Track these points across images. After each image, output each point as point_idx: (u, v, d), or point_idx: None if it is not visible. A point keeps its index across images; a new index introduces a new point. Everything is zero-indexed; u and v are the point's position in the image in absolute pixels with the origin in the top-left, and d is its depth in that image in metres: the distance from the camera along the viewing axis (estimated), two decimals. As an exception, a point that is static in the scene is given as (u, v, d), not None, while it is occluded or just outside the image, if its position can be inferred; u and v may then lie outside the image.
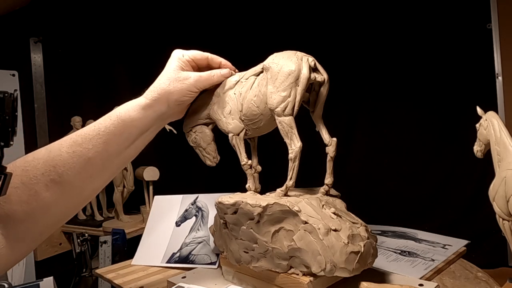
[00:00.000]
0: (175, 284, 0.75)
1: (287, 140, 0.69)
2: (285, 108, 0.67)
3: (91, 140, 0.59)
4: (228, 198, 0.72)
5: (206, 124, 0.82)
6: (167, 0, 1.78)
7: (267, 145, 0.87)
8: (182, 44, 0.75)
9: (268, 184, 0.79)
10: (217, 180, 1.42)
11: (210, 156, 0.83)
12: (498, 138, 0.63)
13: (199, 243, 0.94)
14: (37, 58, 1.81)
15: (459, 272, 0.80)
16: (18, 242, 0.55)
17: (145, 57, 1.86)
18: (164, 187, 1.52)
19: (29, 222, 0.55)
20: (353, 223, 0.66)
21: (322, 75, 0.70)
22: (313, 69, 0.69)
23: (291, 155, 0.69)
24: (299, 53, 0.70)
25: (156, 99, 0.64)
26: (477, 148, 0.68)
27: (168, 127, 0.80)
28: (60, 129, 1.78)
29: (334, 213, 0.66)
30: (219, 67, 0.75)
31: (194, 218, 1.01)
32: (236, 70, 0.78)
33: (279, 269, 0.67)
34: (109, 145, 0.60)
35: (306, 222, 0.63)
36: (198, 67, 0.73)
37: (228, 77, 0.72)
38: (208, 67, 0.74)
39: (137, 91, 0.69)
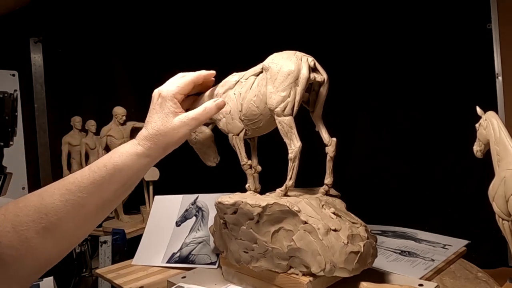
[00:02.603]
0: (175, 284, 0.75)
1: (286, 140, 0.69)
2: (285, 108, 0.67)
3: (85, 189, 0.58)
4: (228, 198, 0.72)
5: (206, 124, 0.82)
6: (168, 0, 1.78)
7: (267, 145, 0.87)
8: (182, 44, 0.76)
9: (268, 184, 0.79)
10: (217, 180, 1.41)
11: (210, 156, 0.83)
12: (498, 138, 0.63)
13: (199, 243, 0.94)
14: (37, 58, 1.81)
15: (459, 272, 0.80)
16: (6, 285, 0.55)
17: (145, 57, 1.87)
18: (164, 187, 1.52)
19: (18, 265, 0.55)
20: (353, 223, 0.66)
21: (321, 75, 0.70)
22: (313, 69, 0.69)
23: (290, 155, 0.69)
24: (298, 53, 0.70)
25: (152, 149, 0.63)
26: (477, 148, 0.68)
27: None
28: (60, 129, 1.78)
29: (333, 213, 0.66)
30: (204, 84, 0.73)
31: (194, 218, 1.01)
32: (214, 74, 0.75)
33: (279, 269, 0.67)
34: (104, 193, 0.60)
35: (305, 222, 0.63)
36: (189, 92, 0.71)
37: (223, 107, 0.68)
38: (196, 87, 0.73)
39: (137, 91, 0.69)
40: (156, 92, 0.66)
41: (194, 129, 0.65)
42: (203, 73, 0.71)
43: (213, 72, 0.72)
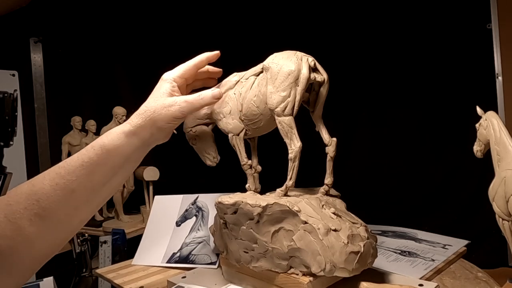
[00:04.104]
0: (175, 284, 0.75)
1: (287, 140, 0.69)
2: (285, 108, 0.67)
3: (74, 172, 0.57)
4: (228, 198, 0.72)
5: (206, 124, 0.82)
6: (168, 0, 1.78)
7: (267, 145, 0.87)
8: (182, 44, 0.75)
9: (268, 184, 0.79)
10: (217, 180, 1.41)
11: (210, 156, 0.83)
12: (498, 138, 0.63)
13: (199, 243, 0.94)
14: (37, 58, 1.81)
15: (459, 272, 0.80)
16: (4, 278, 0.54)
17: (145, 57, 1.87)
18: (164, 187, 1.52)
19: (14, 257, 0.54)
20: (353, 223, 0.66)
21: (322, 75, 0.70)
22: (313, 69, 0.69)
23: (291, 155, 0.69)
24: (298, 53, 0.70)
25: (140, 126, 0.62)
26: (477, 148, 0.68)
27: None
28: (60, 129, 1.78)
29: (334, 213, 0.66)
30: (209, 76, 0.72)
31: (194, 218, 1.01)
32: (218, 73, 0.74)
33: (279, 269, 0.67)
34: (93, 176, 0.58)
35: (306, 222, 0.63)
36: (192, 79, 0.70)
37: (219, 97, 0.67)
38: (199, 75, 0.72)
39: (137, 91, 0.69)
40: (162, 76, 0.67)
41: (185, 113, 0.63)
42: (204, 55, 0.70)
43: (216, 52, 0.71)
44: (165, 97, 0.63)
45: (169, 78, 0.66)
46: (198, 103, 0.65)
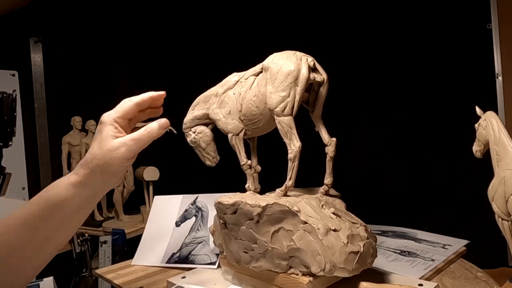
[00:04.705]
0: (175, 284, 0.75)
1: (286, 140, 0.69)
2: (285, 108, 0.67)
3: (15, 229, 0.53)
4: (228, 198, 0.72)
5: (206, 124, 0.82)
6: (168, 0, 1.78)
7: (267, 145, 0.87)
8: (182, 44, 0.75)
9: (267, 184, 0.79)
10: (217, 180, 1.42)
11: (209, 156, 0.83)
12: (497, 138, 0.63)
13: (199, 243, 0.94)
14: (37, 58, 1.81)
15: (459, 272, 0.80)
16: None
17: (145, 57, 1.87)
18: (164, 187, 1.52)
19: None
20: (353, 223, 0.66)
21: (321, 75, 0.70)
22: (313, 69, 0.69)
23: (290, 155, 0.69)
24: (298, 53, 0.70)
25: (89, 175, 0.57)
26: (476, 148, 0.68)
27: (168, 127, 0.78)
28: (60, 129, 1.78)
29: (333, 213, 0.66)
30: (151, 103, 0.65)
31: (194, 218, 1.01)
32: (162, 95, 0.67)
33: (279, 269, 0.67)
34: (38, 232, 0.54)
35: (305, 222, 0.63)
36: (135, 117, 0.65)
37: (166, 127, 0.63)
38: (144, 109, 0.66)
39: (137, 91, 0.68)
40: (101, 118, 0.62)
41: (135, 151, 0.59)
42: (147, 95, 0.65)
43: (162, 93, 0.66)
44: (110, 141, 0.59)
45: (109, 120, 0.61)
46: (146, 137, 0.60)
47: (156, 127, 0.61)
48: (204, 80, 0.88)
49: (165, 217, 1.04)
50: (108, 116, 0.62)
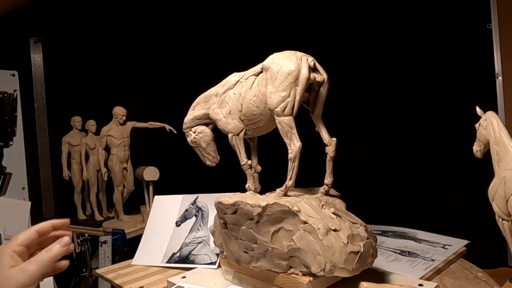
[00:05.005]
0: (175, 284, 0.75)
1: (286, 140, 0.69)
2: (285, 108, 0.67)
3: None
4: (228, 198, 0.72)
5: (206, 124, 0.83)
6: (168, 0, 1.78)
7: (267, 145, 0.87)
8: (182, 44, 0.75)
9: (268, 184, 0.79)
10: (217, 180, 1.42)
11: (210, 156, 0.83)
12: (498, 138, 0.63)
13: (199, 243, 0.94)
14: (37, 58, 1.81)
15: (459, 272, 0.80)
16: None
17: (145, 57, 1.87)
18: (164, 187, 1.52)
19: None
20: (353, 223, 0.66)
21: (321, 75, 0.70)
22: (313, 69, 0.69)
23: (290, 155, 0.69)
24: (298, 53, 0.70)
25: None
26: (477, 148, 0.68)
27: (168, 127, 0.79)
28: (60, 129, 1.78)
29: (333, 213, 0.66)
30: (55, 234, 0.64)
31: (194, 218, 1.01)
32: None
33: (279, 269, 0.67)
34: None
35: (305, 222, 0.63)
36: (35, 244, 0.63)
37: (68, 245, 0.60)
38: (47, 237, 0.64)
39: (137, 91, 0.68)
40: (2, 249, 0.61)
41: (37, 275, 0.57)
42: (50, 222, 0.64)
43: (65, 221, 0.65)
44: (7, 270, 0.57)
45: (7, 249, 0.59)
46: (47, 259, 0.58)
47: (57, 245, 0.60)
48: (204, 80, 0.88)
49: (165, 217, 1.04)
50: (6, 246, 0.61)
